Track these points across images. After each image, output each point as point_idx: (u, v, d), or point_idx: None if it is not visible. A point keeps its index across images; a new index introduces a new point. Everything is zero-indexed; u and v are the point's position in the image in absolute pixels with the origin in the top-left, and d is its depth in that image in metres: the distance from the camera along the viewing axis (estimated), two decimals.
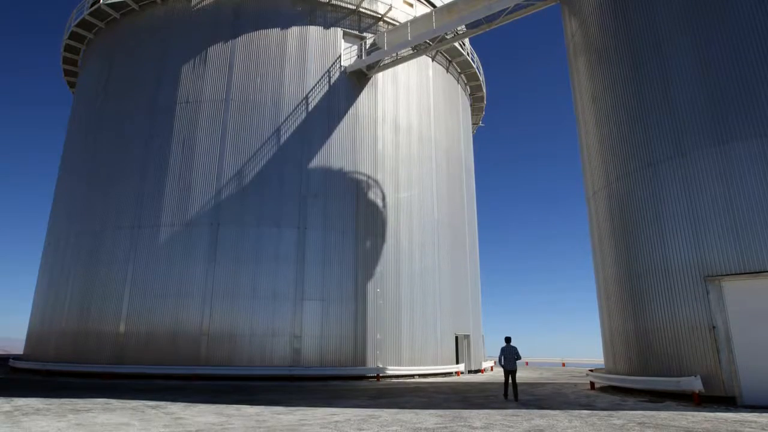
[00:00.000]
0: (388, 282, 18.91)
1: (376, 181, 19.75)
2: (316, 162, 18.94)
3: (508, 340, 11.50)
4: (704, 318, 10.20)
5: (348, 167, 19.35)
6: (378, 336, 18.11)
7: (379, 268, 18.85)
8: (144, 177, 18.63)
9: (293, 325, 17.09)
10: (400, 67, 21.74)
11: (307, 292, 17.50)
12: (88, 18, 22.31)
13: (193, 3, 20.55)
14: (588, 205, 14.77)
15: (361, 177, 19.46)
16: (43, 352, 18.80)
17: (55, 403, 9.55)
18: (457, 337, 21.37)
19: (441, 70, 24.26)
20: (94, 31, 23.06)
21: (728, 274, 9.99)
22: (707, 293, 10.21)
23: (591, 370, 15.04)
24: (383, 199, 19.76)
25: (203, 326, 16.72)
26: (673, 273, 10.93)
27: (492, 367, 24.88)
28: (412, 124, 21.66)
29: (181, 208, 17.95)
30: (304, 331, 17.13)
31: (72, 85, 26.26)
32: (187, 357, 16.39)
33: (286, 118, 19.14)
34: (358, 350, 17.66)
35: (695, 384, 9.74)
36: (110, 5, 21.44)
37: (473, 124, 29.32)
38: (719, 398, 9.68)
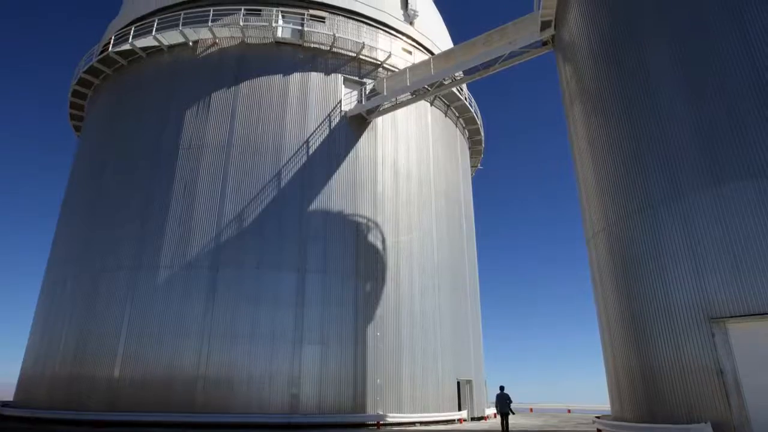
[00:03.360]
0: (388, 326, 18.64)
1: (375, 224, 19.80)
2: (316, 205, 19.05)
3: (502, 388, 14.00)
4: (711, 361, 9.99)
5: (348, 210, 19.44)
6: (378, 381, 17.69)
7: (379, 312, 18.62)
8: (145, 219, 18.68)
9: (291, 370, 16.72)
10: (400, 112, 22.20)
11: (306, 336, 17.23)
12: (96, 65, 22.96)
13: (198, 51, 21.20)
14: (588, 247, 14.75)
15: (360, 220, 19.52)
16: (34, 398, 18.30)
17: None
18: (459, 383, 20.87)
19: (439, 114, 24.77)
20: (101, 77, 23.68)
21: (733, 316, 9.85)
22: (712, 336, 10.04)
23: (597, 417, 14.61)
24: (383, 242, 19.75)
25: (200, 371, 16.35)
26: (677, 316, 10.78)
27: (495, 414, 24.18)
28: (411, 167, 21.92)
29: (181, 250, 17.91)
30: (303, 376, 16.75)
31: (78, 129, 26.73)
32: (183, 403, 15.94)
33: (287, 162, 19.39)
34: (358, 396, 17.21)
35: None
36: (119, 53, 22.12)
37: (472, 166, 29.68)
38: None
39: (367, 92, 21.46)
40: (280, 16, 21.84)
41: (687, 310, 10.60)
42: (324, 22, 22.28)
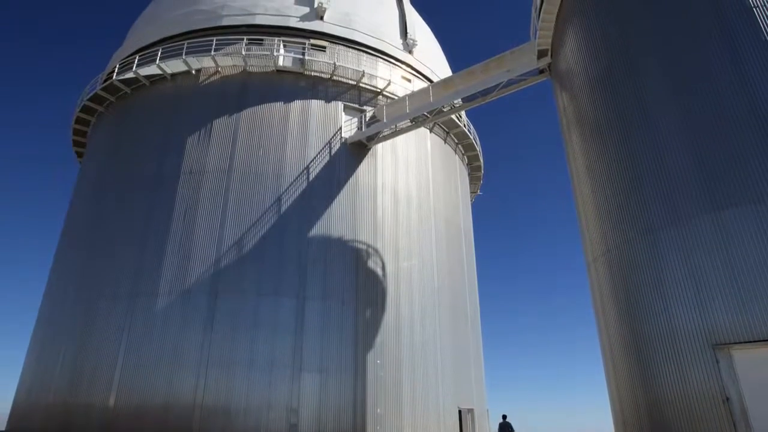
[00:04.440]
0: (388, 353, 18.40)
1: (375, 250, 19.75)
2: (316, 231, 19.03)
3: (504, 417, 15.12)
4: (716, 388, 9.83)
5: (348, 236, 19.42)
6: (378, 410, 17.36)
7: (379, 339, 18.41)
8: (144, 245, 18.63)
9: (290, 398, 16.43)
10: (399, 138, 22.40)
11: (306, 363, 16.99)
12: (100, 93, 23.27)
13: (200, 79, 21.52)
14: (588, 272, 14.68)
15: (360, 246, 19.47)
16: (27, 429, 17.92)
17: None
18: (460, 411, 20.48)
19: (439, 141, 24.98)
20: (105, 104, 23.97)
21: (737, 343, 9.74)
22: (717, 362, 9.91)
23: None
24: (383, 267, 19.66)
25: (197, 400, 16.06)
26: (680, 342, 10.66)
27: None
28: (411, 193, 21.99)
29: (180, 276, 17.81)
30: (302, 404, 16.44)
31: (80, 155, 26.92)
32: None
33: (287, 188, 19.46)
34: (358, 426, 16.86)
35: None
36: (122, 81, 22.45)
37: (471, 192, 29.79)
38: None
39: (367, 119, 21.69)
40: (281, 46, 22.25)
41: (690, 336, 10.48)
42: (324, 51, 22.69)
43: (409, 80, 24.62)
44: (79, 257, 20.23)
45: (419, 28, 27.72)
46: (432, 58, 27.57)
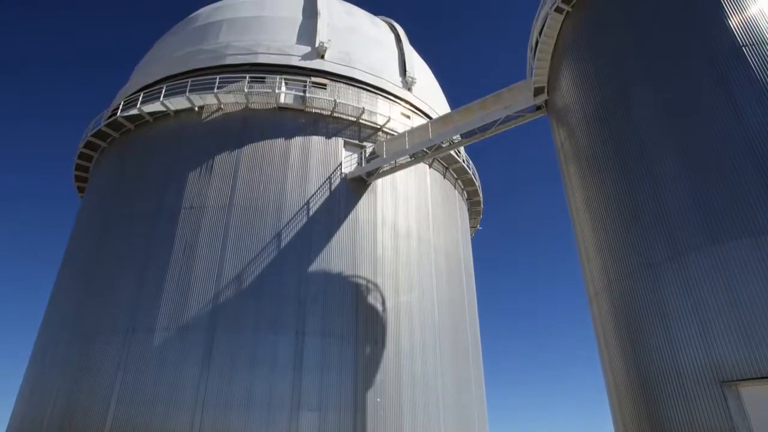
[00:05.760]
0: (388, 390, 18.01)
1: (375, 285, 19.61)
2: (316, 267, 18.94)
3: None
4: (726, 426, 9.58)
5: (348, 272, 19.31)
6: None
7: (379, 376, 18.05)
8: (143, 280, 18.49)
9: None
10: (399, 174, 22.57)
11: (304, 402, 16.59)
12: (104, 129, 23.58)
13: (203, 116, 21.86)
14: (591, 307, 14.55)
15: (360, 281, 19.35)
16: None
17: None
18: None
19: (438, 176, 25.18)
20: (108, 140, 24.25)
21: (745, 379, 9.56)
22: (725, 400, 9.70)
23: None
24: (383, 303, 19.48)
25: None
26: (686, 379, 10.47)
27: None
28: (411, 228, 22.00)
29: (178, 312, 17.60)
30: None
31: (81, 190, 27.06)
32: None
33: (287, 223, 19.48)
34: None
35: None
36: (126, 117, 22.79)
37: (471, 227, 29.81)
38: None
39: (366, 155, 21.92)
40: (283, 83, 22.71)
41: (696, 372, 10.29)
42: (325, 88, 23.15)
43: (408, 117, 25.02)
44: (77, 291, 20.04)
45: (418, 66, 28.37)
46: (430, 95, 28.11)
